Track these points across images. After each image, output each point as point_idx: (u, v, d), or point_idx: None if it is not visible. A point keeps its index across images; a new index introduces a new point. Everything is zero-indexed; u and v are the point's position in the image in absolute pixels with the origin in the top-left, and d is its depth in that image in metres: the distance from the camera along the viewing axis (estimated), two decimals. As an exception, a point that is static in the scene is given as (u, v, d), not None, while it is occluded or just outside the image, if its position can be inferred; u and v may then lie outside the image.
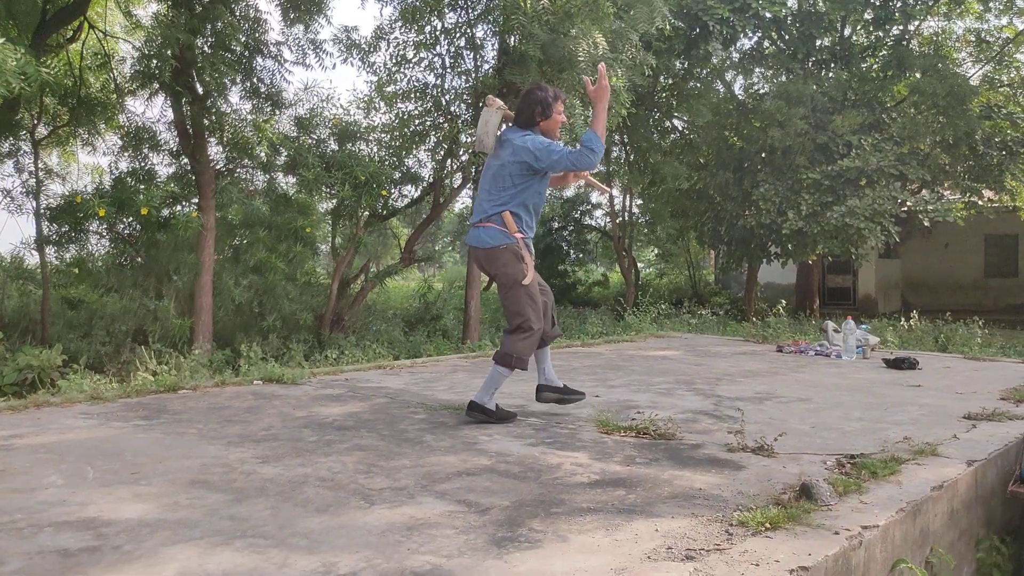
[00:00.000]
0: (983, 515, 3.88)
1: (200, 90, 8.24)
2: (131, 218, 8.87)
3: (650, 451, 3.90)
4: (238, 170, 9.42)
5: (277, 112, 9.61)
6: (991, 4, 16.21)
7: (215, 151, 9.19)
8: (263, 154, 9.00)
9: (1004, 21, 16.68)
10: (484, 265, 4.59)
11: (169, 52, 7.17)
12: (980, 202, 16.26)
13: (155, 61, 7.35)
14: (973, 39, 16.31)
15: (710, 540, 2.66)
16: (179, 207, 9.30)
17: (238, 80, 8.79)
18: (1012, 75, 16.04)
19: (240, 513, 2.84)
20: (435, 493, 3.14)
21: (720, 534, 2.72)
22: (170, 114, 8.61)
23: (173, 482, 3.23)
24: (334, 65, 10.45)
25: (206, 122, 8.41)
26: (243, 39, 8.44)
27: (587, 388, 5.77)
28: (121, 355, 8.73)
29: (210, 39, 7.86)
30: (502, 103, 4.60)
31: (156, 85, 8.18)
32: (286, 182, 10.36)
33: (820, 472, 3.56)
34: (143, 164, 9.26)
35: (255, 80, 8.96)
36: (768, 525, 2.78)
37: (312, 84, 10.33)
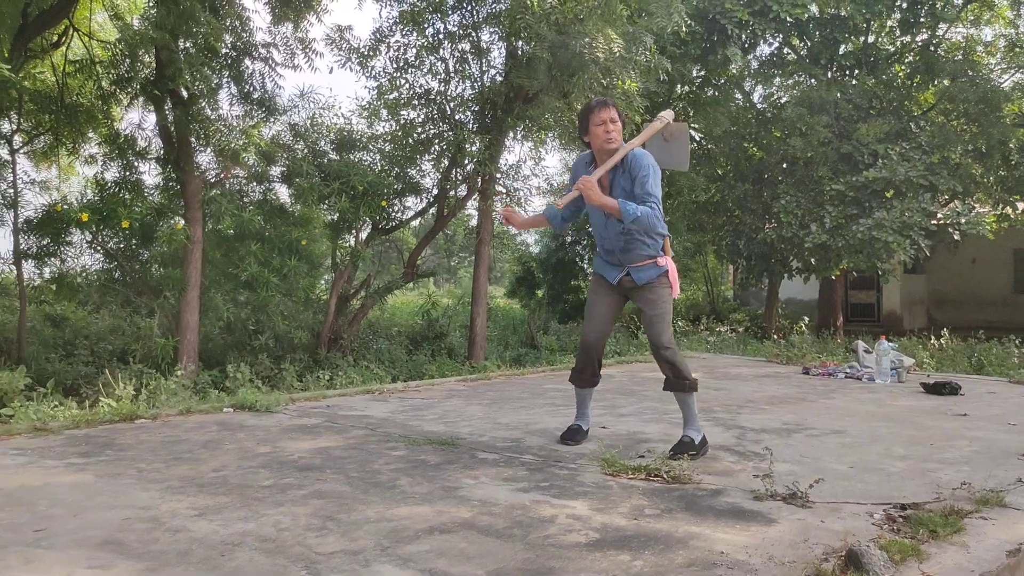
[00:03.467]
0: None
1: (184, 94, 7.76)
2: (114, 231, 8.39)
3: (662, 499, 3.31)
4: (229, 180, 8.91)
5: (271, 118, 9.11)
6: (1022, 10, 15.58)
7: (205, 159, 8.72)
8: (253, 162, 8.49)
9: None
10: None
11: (145, 53, 6.71)
12: (1012, 214, 15.53)
13: (130, 62, 6.88)
14: (1004, 45, 15.63)
15: (737, 635, 2.06)
16: (164, 220, 8.81)
17: (225, 83, 8.31)
18: (1046, 82, 15.34)
19: (145, 590, 2.28)
20: (397, 559, 2.56)
21: (749, 626, 2.12)
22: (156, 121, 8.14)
23: (80, 543, 2.66)
24: (331, 69, 10.16)
25: (192, 128, 7.92)
26: (228, 39, 7.95)
27: (594, 417, 5.17)
28: (103, 377, 8.21)
29: (193, 40, 7.38)
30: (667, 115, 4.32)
31: (136, 89, 7.72)
32: (282, 193, 9.86)
33: (867, 528, 2.95)
34: (130, 174, 8.79)
35: (244, 84, 8.47)
36: (811, 612, 2.18)
37: (309, 89, 9.80)
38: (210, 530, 2.82)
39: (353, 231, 10.33)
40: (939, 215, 13.38)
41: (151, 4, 7.44)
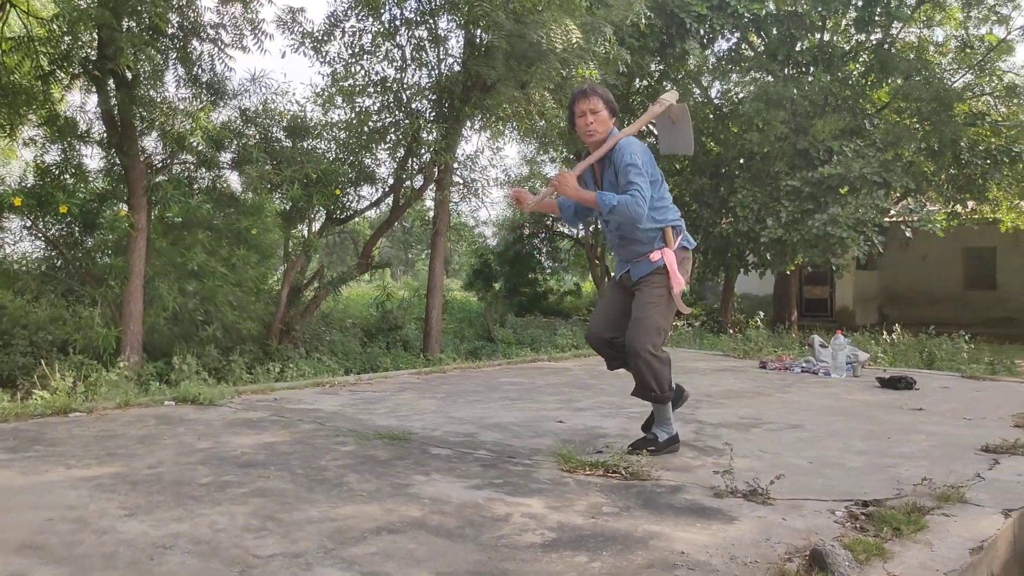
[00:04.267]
0: (1021, 576, 3.21)
1: (128, 76, 7.44)
2: (54, 217, 8.04)
3: (621, 496, 3.19)
4: (176, 165, 8.60)
5: (220, 102, 8.81)
6: (972, 12, 15.84)
7: (150, 144, 8.39)
8: (200, 146, 8.19)
9: (984, 30, 16.32)
10: None
11: (86, 31, 6.40)
12: (963, 212, 15.82)
13: (70, 40, 6.57)
14: (957, 45, 15.88)
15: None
16: (108, 207, 8.47)
17: (171, 65, 8.00)
18: (994, 84, 15.61)
19: (62, 599, 2.10)
20: (341, 562, 2.40)
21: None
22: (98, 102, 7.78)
23: (-4, 546, 2.46)
24: (284, 54, 9.91)
25: (136, 111, 7.60)
26: (175, 19, 7.64)
27: (550, 411, 5.08)
28: (40, 368, 7.87)
29: (137, 18, 7.06)
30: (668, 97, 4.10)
31: (77, 69, 7.38)
32: (232, 180, 9.56)
33: (829, 526, 2.88)
34: (71, 157, 8.42)
35: (192, 66, 8.16)
36: (776, 616, 2.09)
37: (261, 74, 9.51)
38: (140, 531, 2.63)
39: (306, 220, 10.09)
40: (892, 212, 13.55)
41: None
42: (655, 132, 4.32)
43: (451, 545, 2.58)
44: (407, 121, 9.86)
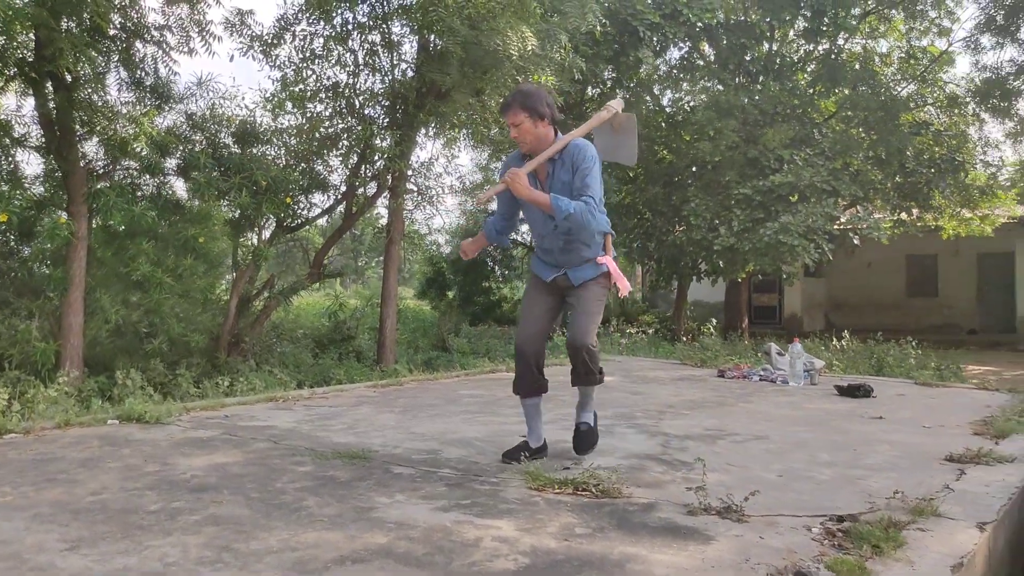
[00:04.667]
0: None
1: (68, 78, 7.12)
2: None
3: (593, 515, 3.09)
4: (118, 171, 8.27)
5: (165, 107, 8.51)
6: (914, 24, 16.26)
7: (91, 149, 8.05)
8: (144, 152, 7.89)
9: (926, 42, 16.76)
10: None
11: (22, 31, 6.10)
12: (908, 219, 16.17)
13: (5, 41, 6.26)
14: (903, 55, 16.26)
15: None
16: (47, 214, 8.11)
17: (113, 68, 7.69)
18: (937, 94, 16.03)
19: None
20: (303, 597, 2.25)
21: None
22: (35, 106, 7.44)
23: (-81, 590, 2.25)
24: (232, 57, 9.57)
25: (75, 115, 7.28)
26: (117, 20, 7.35)
27: (513, 424, 4.95)
28: (-27, 385, 7.47)
29: (77, 19, 6.77)
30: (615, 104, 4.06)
31: (12, 71, 7.04)
32: (179, 187, 9.25)
33: (807, 544, 2.81)
34: (7, 163, 8.04)
35: (135, 69, 7.86)
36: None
37: (208, 77, 9.22)
38: (83, 567, 2.44)
39: (255, 229, 9.81)
40: (841, 219, 13.76)
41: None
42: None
43: (420, 574, 2.44)
44: (360, 127, 9.67)
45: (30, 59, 7.10)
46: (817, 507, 3.26)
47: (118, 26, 7.52)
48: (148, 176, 8.64)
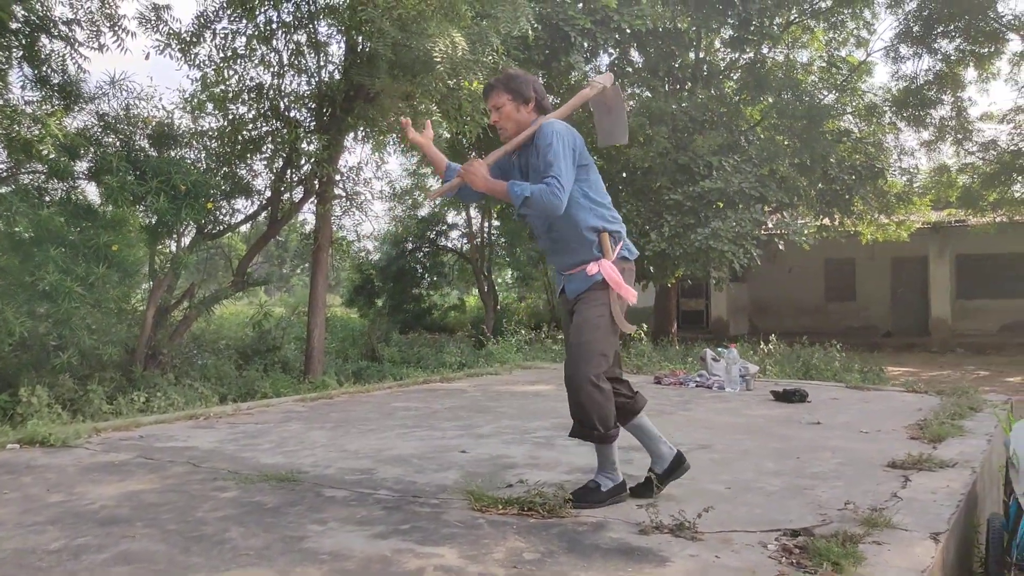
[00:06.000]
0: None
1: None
2: None
3: (541, 538, 2.91)
4: (23, 175, 7.75)
5: (74, 107, 8.01)
6: (834, 35, 16.72)
7: (-7, 151, 7.53)
8: (51, 155, 7.40)
9: (845, 52, 17.26)
10: None
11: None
12: (830, 224, 16.58)
13: None
14: (824, 64, 16.69)
15: None
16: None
17: (16, 63, 7.20)
18: (856, 103, 16.49)
19: None
20: (227, 647, 2.00)
21: None
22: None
23: None
24: (147, 55, 9.10)
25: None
26: (20, 12, 6.87)
27: (451, 439, 4.75)
28: None
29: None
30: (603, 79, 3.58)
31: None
32: (91, 192, 8.74)
33: (764, 563, 2.70)
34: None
35: (41, 65, 7.37)
36: None
37: (121, 76, 8.74)
38: (-30, 622, 2.14)
39: (174, 235, 9.34)
40: (768, 225, 14.00)
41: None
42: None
43: (359, 614, 2.22)
44: (285, 130, 9.31)
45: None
46: (770, 521, 3.16)
47: (21, 19, 7.03)
48: (56, 180, 8.12)
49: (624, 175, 14.69)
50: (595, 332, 3.30)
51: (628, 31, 13.34)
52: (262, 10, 8.86)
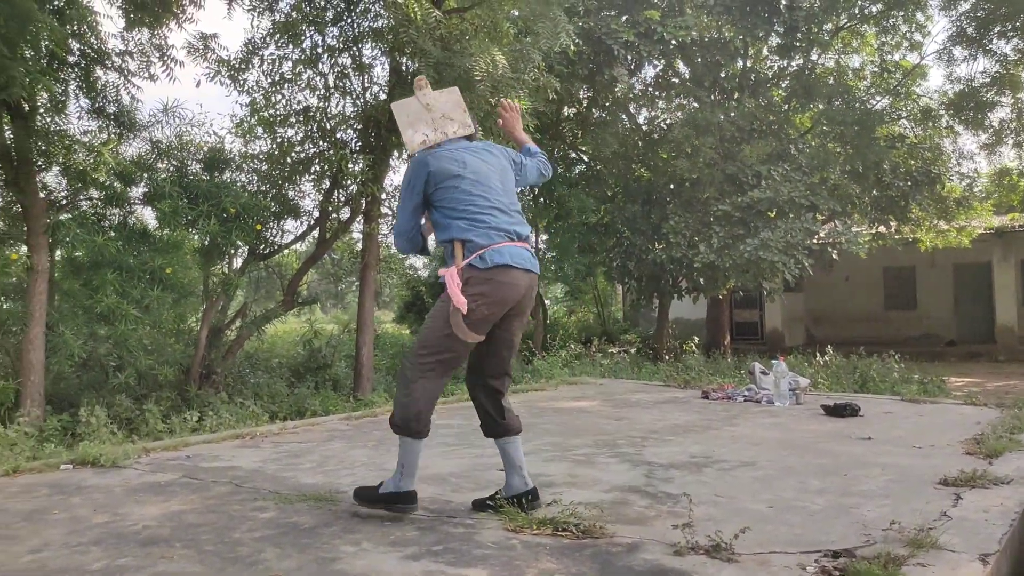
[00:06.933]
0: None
1: (25, 107, 6.89)
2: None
3: (574, 560, 2.88)
4: (82, 201, 8.03)
5: (128, 135, 8.29)
6: (886, 39, 16.35)
7: (51, 180, 7.82)
8: (107, 182, 7.66)
9: (898, 56, 16.86)
10: (529, 297, 3.54)
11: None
12: (885, 232, 16.19)
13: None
14: (876, 69, 16.34)
15: None
16: (6, 247, 7.86)
17: (73, 95, 7.48)
18: (911, 107, 16.10)
19: None
20: (252, 670, 2.02)
21: None
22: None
23: None
24: (198, 83, 9.36)
25: (34, 145, 7.04)
26: (76, 46, 7.14)
27: (491, 457, 4.72)
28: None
29: (33, 46, 6.55)
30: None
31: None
32: (146, 216, 9.01)
33: (803, 586, 2.62)
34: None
35: (96, 96, 7.64)
36: None
37: (174, 104, 9.07)
38: (9, 642, 2.20)
39: (226, 257, 9.57)
40: (820, 234, 13.71)
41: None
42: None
43: (385, 637, 2.22)
44: (332, 151, 9.48)
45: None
46: (811, 542, 3.08)
47: (77, 53, 7.31)
48: (113, 206, 8.39)
49: (671, 187, 14.57)
50: (425, 328, 3.49)
51: (673, 43, 13.26)
52: (307, 35, 9.05)
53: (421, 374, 3.37)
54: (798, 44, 14.37)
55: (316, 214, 10.12)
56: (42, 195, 7.51)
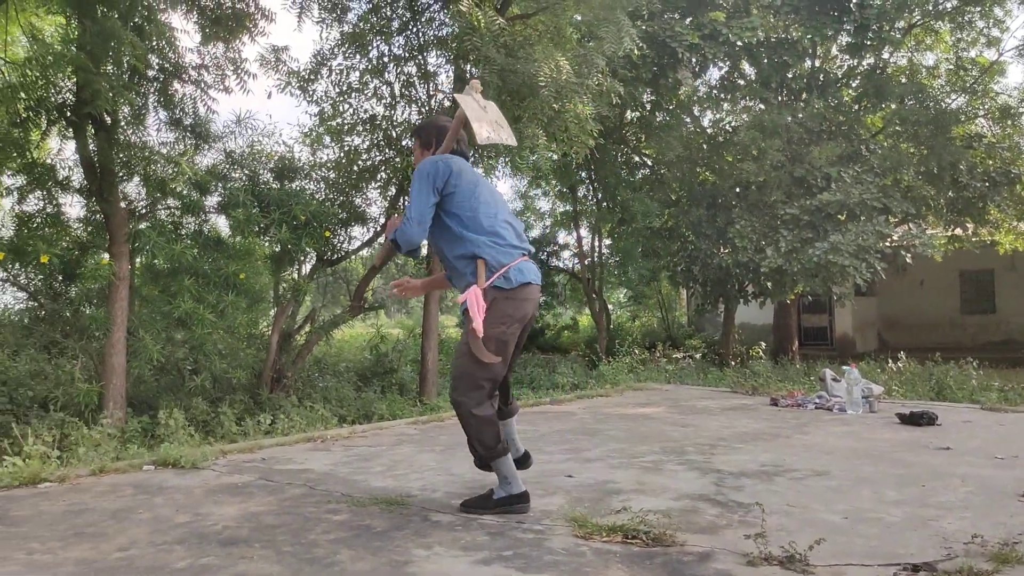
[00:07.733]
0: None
1: (107, 120, 7.18)
2: (34, 267, 7.75)
3: (644, 568, 2.87)
4: (160, 211, 8.33)
5: (204, 145, 8.57)
6: (962, 35, 15.82)
7: (132, 190, 8.12)
8: (183, 191, 7.93)
9: (974, 53, 16.29)
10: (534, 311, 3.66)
11: (62, 76, 6.17)
12: (962, 235, 15.66)
13: (45, 85, 6.34)
14: (951, 67, 15.82)
15: None
16: (90, 255, 8.19)
17: (152, 108, 7.77)
18: (988, 105, 15.53)
19: None
20: (331, 670, 2.08)
21: None
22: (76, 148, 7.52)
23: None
24: (270, 94, 9.56)
25: (116, 157, 7.34)
26: (155, 61, 7.42)
27: (557, 463, 4.76)
28: (21, 427, 7.51)
29: (115, 61, 6.84)
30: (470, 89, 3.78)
31: (53, 115, 7.13)
32: (220, 224, 9.29)
33: (881, 599, 2.56)
34: (51, 206, 8.15)
35: (174, 109, 7.93)
36: None
37: (246, 115, 9.37)
38: (102, 636, 2.30)
39: (296, 263, 9.79)
40: (893, 237, 13.34)
41: (70, 23, 6.91)
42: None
43: (458, 641, 2.26)
44: (397, 159, 9.63)
45: (71, 102, 7.18)
46: (888, 554, 3.01)
47: (156, 67, 7.59)
48: (189, 215, 8.68)
49: (737, 190, 14.34)
50: (464, 358, 3.45)
51: (739, 44, 13.07)
52: (374, 45, 9.22)
53: (475, 405, 3.46)
54: (869, 43, 13.99)
55: (382, 221, 10.28)
56: (123, 205, 7.80)
